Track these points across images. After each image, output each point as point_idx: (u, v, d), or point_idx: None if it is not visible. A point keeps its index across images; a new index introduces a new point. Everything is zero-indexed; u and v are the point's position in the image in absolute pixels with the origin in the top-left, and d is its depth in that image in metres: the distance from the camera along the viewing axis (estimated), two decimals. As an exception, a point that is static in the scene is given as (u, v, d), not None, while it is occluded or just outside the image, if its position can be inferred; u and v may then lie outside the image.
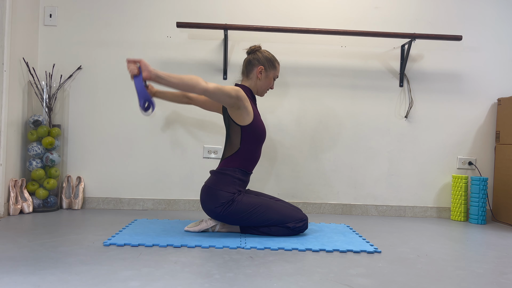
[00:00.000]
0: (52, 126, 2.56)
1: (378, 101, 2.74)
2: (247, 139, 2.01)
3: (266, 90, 2.14)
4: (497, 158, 2.71)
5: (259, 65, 2.07)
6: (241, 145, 2.01)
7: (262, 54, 2.09)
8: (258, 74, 2.08)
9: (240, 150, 2.01)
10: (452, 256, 1.78)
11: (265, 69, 2.08)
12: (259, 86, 2.11)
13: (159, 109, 2.67)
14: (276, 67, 2.12)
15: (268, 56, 2.10)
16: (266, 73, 2.09)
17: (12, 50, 2.36)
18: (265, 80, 2.10)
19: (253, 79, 2.10)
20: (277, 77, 2.17)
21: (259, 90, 2.13)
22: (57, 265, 1.47)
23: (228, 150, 2.05)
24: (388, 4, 2.73)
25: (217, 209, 1.95)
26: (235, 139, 2.02)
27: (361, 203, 2.73)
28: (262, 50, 2.11)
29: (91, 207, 2.65)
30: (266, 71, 2.09)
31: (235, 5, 2.69)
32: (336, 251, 1.78)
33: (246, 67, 2.11)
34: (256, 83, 2.10)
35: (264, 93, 2.16)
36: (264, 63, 2.08)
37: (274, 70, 2.11)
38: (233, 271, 1.46)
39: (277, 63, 2.12)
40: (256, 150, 2.07)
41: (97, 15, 2.66)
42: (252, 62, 2.09)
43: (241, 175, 2.02)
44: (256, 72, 2.08)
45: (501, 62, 2.77)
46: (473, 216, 2.59)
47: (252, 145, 2.03)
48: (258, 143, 2.07)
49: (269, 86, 2.14)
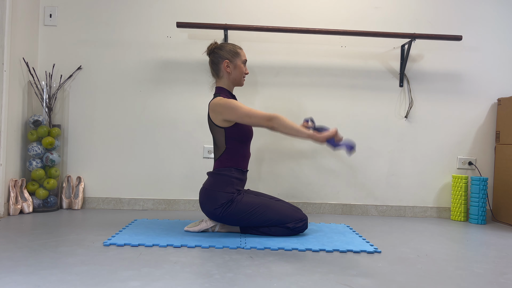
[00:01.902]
0: (52, 126, 2.56)
1: (378, 101, 2.74)
2: (231, 139, 2.00)
3: (242, 78, 2.11)
4: (497, 158, 2.71)
5: (223, 61, 2.05)
6: (227, 145, 2.00)
7: (221, 49, 2.07)
8: (227, 69, 2.06)
9: (227, 149, 2.01)
10: (452, 256, 1.78)
11: (230, 61, 2.06)
12: (232, 79, 2.08)
13: (159, 109, 2.67)
14: (240, 53, 2.08)
15: (227, 48, 2.07)
16: (234, 64, 2.06)
17: (12, 50, 2.36)
18: (236, 70, 2.07)
19: (224, 76, 2.08)
20: (246, 61, 2.12)
21: (236, 81, 2.10)
22: (57, 265, 1.47)
23: (217, 151, 2.05)
24: (388, 4, 2.73)
25: (217, 210, 1.95)
26: (220, 140, 2.01)
27: (361, 203, 2.73)
28: (219, 45, 2.09)
29: (91, 207, 2.65)
30: (232, 63, 2.06)
31: (235, 5, 2.69)
32: (336, 251, 1.78)
33: (212, 68, 2.10)
34: (229, 78, 2.08)
35: (242, 81, 2.13)
36: (227, 56, 2.05)
37: (238, 57, 2.08)
38: (233, 271, 1.46)
39: (239, 48, 2.09)
40: (244, 148, 2.06)
41: (97, 15, 2.66)
42: (215, 61, 2.07)
43: (238, 174, 2.02)
44: (224, 68, 2.06)
45: (501, 62, 2.77)
46: (473, 216, 2.59)
47: (238, 144, 2.02)
48: (245, 141, 2.06)
49: (243, 73, 2.10)
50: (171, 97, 2.68)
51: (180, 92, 2.68)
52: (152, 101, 2.68)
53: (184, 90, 2.68)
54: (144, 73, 2.67)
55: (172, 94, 2.68)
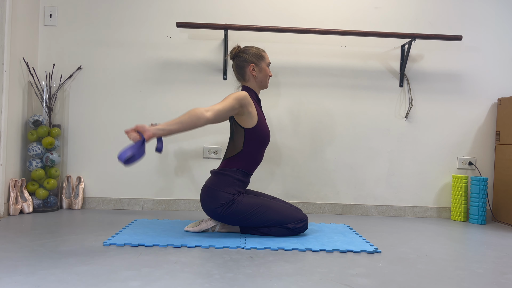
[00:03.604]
0: (52, 126, 2.56)
1: (378, 101, 2.74)
2: (250, 141, 2.01)
3: (267, 80, 2.13)
4: (497, 158, 2.71)
5: (249, 65, 2.06)
6: (244, 147, 2.01)
7: (246, 53, 2.08)
8: (252, 72, 2.07)
9: (242, 152, 2.01)
10: (452, 256, 1.78)
11: (256, 64, 2.07)
12: (259, 81, 2.10)
13: (160, 109, 2.67)
14: (264, 56, 2.10)
15: (252, 51, 2.08)
16: (259, 67, 2.08)
17: (12, 50, 2.36)
18: (261, 73, 2.09)
19: (250, 79, 2.09)
20: (270, 63, 2.15)
21: (262, 84, 2.12)
22: (57, 265, 1.47)
23: (231, 151, 2.04)
24: (388, 4, 2.73)
25: (217, 209, 1.95)
26: (239, 141, 2.02)
27: (361, 203, 2.73)
28: (243, 49, 2.10)
29: (91, 207, 2.65)
30: (257, 66, 2.08)
31: (235, 5, 2.69)
32: (336, 251, 1.78)
33: (238, 72, 2.11)
34: (255, 81, 2.09)
35: (267, 84, 2.14)
36: (252, 59, 2.07)
37: (263, 60, 2.09)
38: (233, 271, 1.46)
39: (263, 51, 2.11)
40: (259, 152, 2.06)
41: (97, 15, 2.66)
42: (241, 65, 2.08)
43: (242, 176, 2.02)
44: (250, 72, 2.07)
45: (501, 62, 2.77)
46: (473, 216, 2.59)
47: (255, 148, 2.03)
48: (261, 146, 2.06)
49: (268, 76, 2.12)
50: (171, 97, 2.68)
51: (180, 92, 2.68)
52: (152, 101, 2.68)
53: (184, 90, 2.68)
54: (144, 73, 2.67)
55: (172, 94, 2.68)
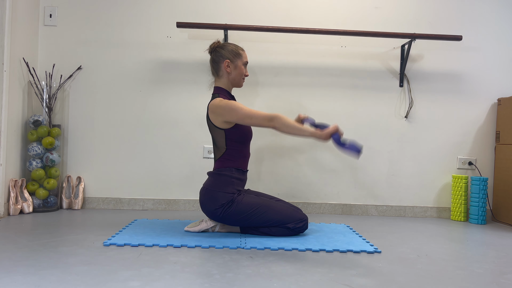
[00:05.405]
0: (52, 126, 2.56)
1: (378, 101, 2.74)
2: (232, 140, 2.00)
3: (241, 79, 2.11)
4: (497, 158, 2.71)
5: (224, 60, 2.05)
6: (227, 146, 2.00)
7: (224, 48, 2.07)
8: (227, 69, 2.05)
9: (227, 150, 2.01)
10: (452, 256, 1.78)
11: (231, 61, 2.06)
12: (232, 79, 2.08)
13: (159, 109, 2.67)
14: (242, 54, 2.09)
15: (229, 48, 2.07)
16: (234, 65, 2.06)
17: (12, 50, 2.36)
18: (235, 70, 2.07)
19: (224, 76, 2.07)
20: (247, 63, 2.13)
21: (235, 82, 2.10)
22: (57, 265, 1.47)
23: (217, 152, 2.04)
24: (388, 4, 2.73)
25: (217, 210, 1.94)
26: (220, 141, 2.01)
27: (361, 203, 2.73)
28: (221, 45, 2.09)
29: (91, 207, 2.65)
30: (233, 63, 2.06)
31: (235, 5, 2.69)
32: (336, 251, 1.78)
33: (213, 67, 2.10)
34: (228, 78, 2.08)
35: (242, 83, 2.12)
36: (228, 56, 2.05)
37: (240, 58, 2.08)
38: (233, 271, 1.46)
39: (241, 49, 2.10)
40: (244, 148, 2.06)
41: (97, 15, 2.66)
42: (216, 60, 2.07)
43: (238, 174, 2.02)
44: (224, 68, 2.06)
45: (501, 62, 2.77)
46: (473, 216, 2.58)
47: (238, 145, 2.03)
48: (244, 142, 2.06)
49: (243, 75, 2.10)
50: (171, 97, 2.68)
51: (180, 92, 2.68)
52: (152, 101, 2.68)
53: (184, 90, 2.68)
54: (144, 73, 2.67)
55: (172, 94, 2.68)
